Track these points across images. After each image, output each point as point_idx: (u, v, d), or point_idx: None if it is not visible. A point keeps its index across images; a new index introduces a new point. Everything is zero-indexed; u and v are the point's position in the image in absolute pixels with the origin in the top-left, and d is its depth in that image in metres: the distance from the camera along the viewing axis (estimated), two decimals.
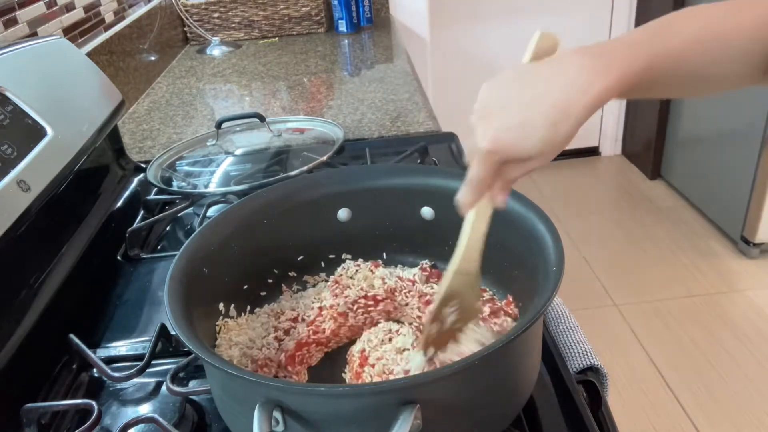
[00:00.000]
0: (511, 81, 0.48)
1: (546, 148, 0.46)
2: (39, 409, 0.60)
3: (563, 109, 0.44)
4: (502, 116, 0.46)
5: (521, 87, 0.47)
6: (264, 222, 0.68)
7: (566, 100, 0.44)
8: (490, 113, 0.47)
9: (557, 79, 0.45)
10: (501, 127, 0.46)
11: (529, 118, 0.45)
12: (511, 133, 0.46)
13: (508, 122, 0.46)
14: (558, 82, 0.45)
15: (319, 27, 2.05)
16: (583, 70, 0.45)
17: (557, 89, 0.45)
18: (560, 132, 0.45)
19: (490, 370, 0.48)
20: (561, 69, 0.46)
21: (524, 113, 0.45)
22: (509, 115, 0.46)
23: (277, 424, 0.44)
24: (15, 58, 0.82)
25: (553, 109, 0.44)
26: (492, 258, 0.68)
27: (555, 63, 0.47)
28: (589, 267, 2.34)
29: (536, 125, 0.45)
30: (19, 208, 0.67)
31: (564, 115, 0.44)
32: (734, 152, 2.27)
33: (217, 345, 0.62)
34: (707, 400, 1.74)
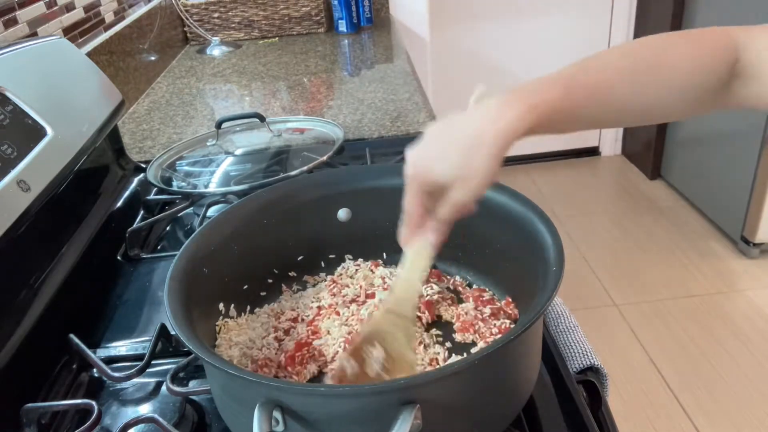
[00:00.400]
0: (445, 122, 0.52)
1: (461, 173, 0.49)
2: (39, 409, 0.60)
3: (475, 137, 0.48)
4: (426, 146, 0.51)
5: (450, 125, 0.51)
6: (264, 222, 0.68)
7: (478, 129, 0.48)
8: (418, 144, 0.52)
9: (474, 115, 0.49)
10: (422, 153, 0.51)
11: (446, 146, 0.50)
12: (429, 157, 0.51)
13: (428, 150, 0.51)
14: (477, 115, 0.49)
15: (319, 27, 2.05)
16: (498, 104, 0.48)
17: (471, 122, 0.49)
18: (473, 159, 0.48)
19: (490, 370, 0.48)
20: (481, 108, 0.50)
21: (443, 143, 0.51)
22: (431, 145, 0.51)
23: (277, 424, 0.44)
24: (15, 58, 0.82)
25: (466, 138, 0.48)
26: (492, 258, 0.68)
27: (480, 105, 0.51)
28: (589, 267, 2.34)
29: (451, 152, 0.49)
30: (19, 208, 0.67)
31: (476, 142, 0.48)
32: (734, 152, 2.27)
33: (217, 345, 0.62)
34: (707, 400, 1.74)
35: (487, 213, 0.64)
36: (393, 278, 0.66)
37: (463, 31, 2.80)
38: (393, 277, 0.70)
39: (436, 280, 0.70)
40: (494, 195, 0.64)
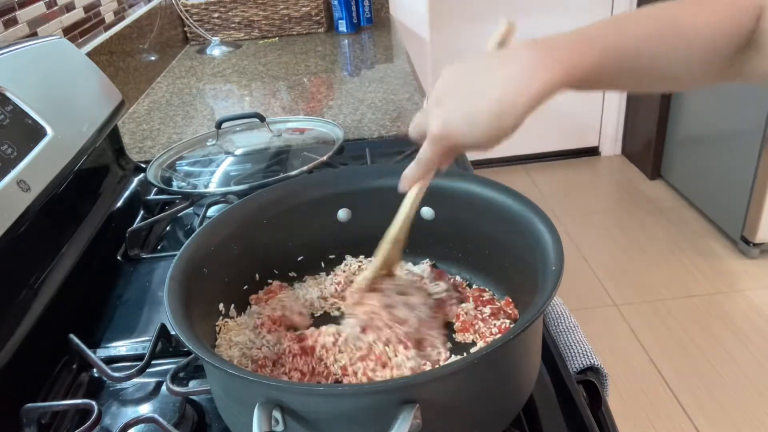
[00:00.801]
0: (466, 70, 0.49)
1: (490, 138, 0.47)
2: (39, 409, 0.60)
3: (508, 102, 0.45)
4: (453, 104, 0.48)
5: (473, 76, 0.48)
6: (264, 222, 0.68)
7: (511, 93, 0.45)
8: (443, 100, 0.49)
9: (505, 72, 0.46)
10: (450, 115, 0.48)
11: (475, 108, 0.47)
12: (458, 122, 0.48)
13: (456, 111, 0.48)
14: (505, 75, 0.46)
15: (319, 27, 2.05)
16: (529, 64, 0.46)
17: (504, 82, 0.46)
18: (504, 124, 0.46)
19: (490, 370, 0.48)
20: (510, 62, 0.47)
21: (472, 104, 0.47)
22: (459, 104, 0.48)
23: (277, 423, 0.44)
24: (15, 58, 0.82)
25: (498, 102, 0.46)
26: (492, 258, 0.68)
27: (506, 55, 0.48)
28: (589, 267, 2.34)
29: (482, 116, 0.46)
30: (19, 208, 0.67)
31: (508, 108, 0.46)
32: (734, 152, 2.27)
33: (217, 345, 0.62)
34: (707, 400, 1.74)
35: (487, 213, 0.65)
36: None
37: (463, 31, 2.80)
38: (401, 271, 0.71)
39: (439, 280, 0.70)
40: (494, 195, 0.64)
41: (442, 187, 0.69)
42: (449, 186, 0.68)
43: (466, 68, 0.50)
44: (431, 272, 0.70)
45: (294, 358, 0.60)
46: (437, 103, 0.49)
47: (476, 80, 0.48)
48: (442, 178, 0.69)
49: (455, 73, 0.50)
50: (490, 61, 0.48)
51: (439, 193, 0.69)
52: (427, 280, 0.69)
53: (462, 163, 1.07)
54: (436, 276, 0.70)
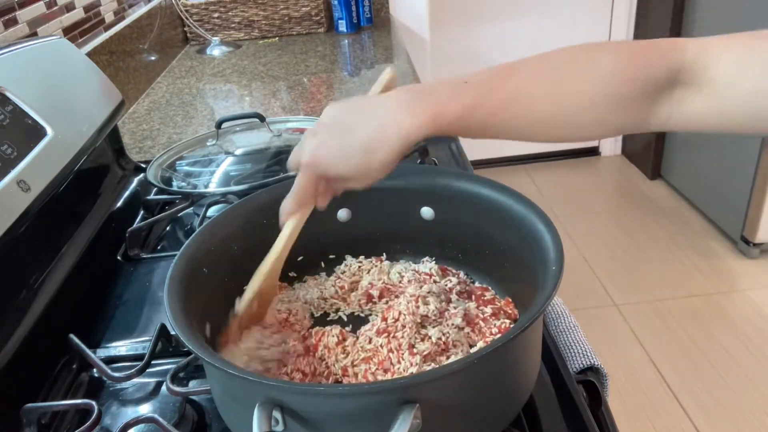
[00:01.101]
0: (345, 109, 0.52)
1: (358, 171, 0.51)
2: (39, 409, 0.60)
3: (378, 140, 0.49)
4: (327, 136, 0.51)
5: (350, 115, 0.51)
6: (264, 222, 0.68)
7: (381, 132, 0.49)
8: (318, 133, 0.52)
9: (379, 113, 0.50)
10: (322, 145, 0.51)
11: (347, 143, 0.50)
12: (329, 152, 0.51)
13: (329, 143, 0.51)
14: (378, 115, 0.50)
15: (319, 27, 2.05)
16: (400, 108, 0.49)
17: (376, 121, 0.49)
18: (373, 160, 0.50)
19: (489, 370, 0.48)
20: (385, 104, 0.50)
21: (344, 138, 0.50)
22: (332, 137, 0.51)
23: (277, 423, 0.44)
24: (15, 58, 0.82)
25: (369, 139, 0.49)
26: (492, 258, 0.68)
27: (382, 99, 0.51)
28: (589, 267, 2.34)
29: (352, 151, 0.50)
30: (19, 208, 0.67)
31: (378, 145, 0.49)
32: (734, 152, 2.27)
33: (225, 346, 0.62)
34: (707, 400, 1.74)
35: (487, 213, 0.65)
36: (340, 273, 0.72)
37: (463, 31, 2.80)
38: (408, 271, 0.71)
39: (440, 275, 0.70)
40: (494, 195, 0.64)
41: (442, 187, 0.69)
42: (449, 186, 0.68)
43: (346, 107, 0.53)
44: (438, 269, 0.71)
45: (297, 358, 0.60)
46: (313, 134, 0.52)
47: (352, 118, 0.51)
48: (442, 178, 0.70)
49: (335, 110, 0.53)
50: (368, 102, 0.52)
51: (439, 193, 0.70)
52: (437, 277, 0.69)
53: (462, 163, 1.07)
54: (442, 273, 0.71)
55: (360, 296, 0.69)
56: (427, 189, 0.70)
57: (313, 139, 0.52)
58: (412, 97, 0.49)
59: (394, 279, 0.70)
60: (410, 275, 0.70)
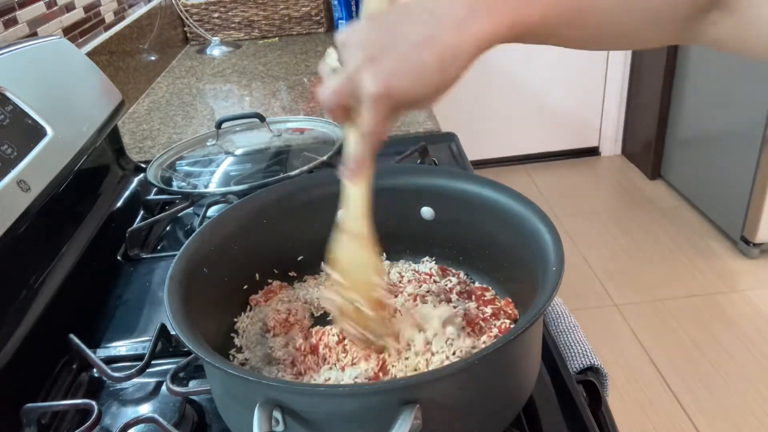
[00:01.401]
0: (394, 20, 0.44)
1: (437, 89, 0.44)
2: (39, 409, 0.60)
3: (456, 47, 0.42)
4: (392, 59, 0.43)
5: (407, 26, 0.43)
6: (264, 222, 0.68)
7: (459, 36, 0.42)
8: (377, 55, 0.43)
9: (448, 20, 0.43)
10: (394, 71, 0.43)
11: (421, 59, 0.42)
12: (405, 77, 0.43)
13: (401, 66, 0.43)
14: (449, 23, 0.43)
15: (319, 27, 2.05)
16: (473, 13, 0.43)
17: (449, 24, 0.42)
18: (450, 75, 0.43)
19: (490, 370, 0.48)
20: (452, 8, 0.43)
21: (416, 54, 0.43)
22: (401, 58, 0.43)
23: (277, 423, 0.44)
24: (15, 58, 0.82)
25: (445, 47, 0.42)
26: (492, 258, 0.68)
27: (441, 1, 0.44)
28: (589, 267, 2.34)
29: (429, 67, 0.42)
30: (19, 208, 0.67)
31: (454, 59, 0.42)
32: (734, 152, 2.27)
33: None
34: (707, 400, 1.74)
35: (487, 213, 0.65)
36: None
37: None
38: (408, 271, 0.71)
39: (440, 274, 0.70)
40: (494, 195, 0.64)
41: (442, 187, 0.69)
42: (449, 186, 0.68)
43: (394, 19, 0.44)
44: (438, 269, 0.71)
45: (306, 357, 0.60)
46: (370, 60, 0.43)
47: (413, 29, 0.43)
48: (442, 178, 0.70)
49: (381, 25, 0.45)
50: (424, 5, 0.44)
51: (439, 193, 0.69)
52: (437, 277, 0.69)
53: (462, 163, 1.07)
54: (442, 273, 0.71)
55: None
56: (427, 189, 0.70)
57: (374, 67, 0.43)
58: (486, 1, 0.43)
59: (394, 279, 0.70)
60: (410, 275, 0.70)
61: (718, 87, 2.35)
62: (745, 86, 2.18)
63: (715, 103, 2.38)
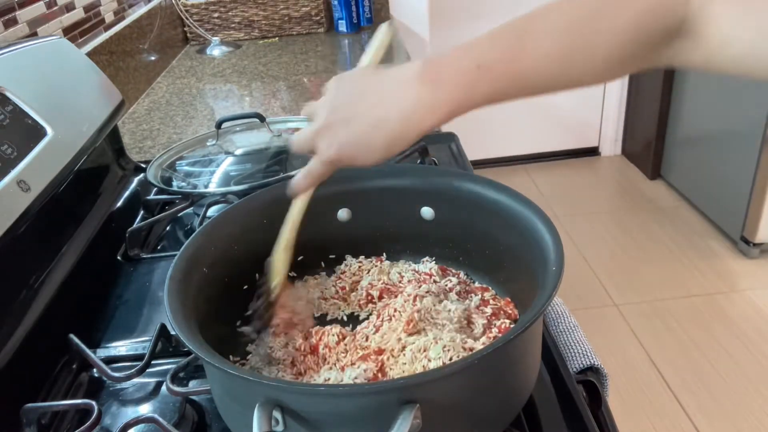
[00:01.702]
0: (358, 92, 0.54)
1: (380, 160, 0.54)
2: (39, 409, 0.60)
3: (400, 135, 0.51)
4: (347, 132, 0.53)
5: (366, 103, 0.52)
6: (264, 222, 0.68)
7: (404, 128, 0.51)
8: (335, 125, 0.53)
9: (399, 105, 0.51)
10: (345, 143, 0.53)
11: (371, 139, 0.52)
12: (353, 149, 0.53)
13: (351, 139, 0.53)
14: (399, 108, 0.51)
15: (319, 27, 2.05)
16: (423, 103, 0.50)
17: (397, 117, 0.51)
18: (394, 150, 0.53)
19: (490, 370, 0.48)
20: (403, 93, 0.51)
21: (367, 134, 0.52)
22: (353, 132, 0.52)
23: (277, 423, 0.44)
24: (15, 58, 0.82)
25: (392, 135, 0.51)
26: (492, 258, 0.68)
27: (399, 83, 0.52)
28: (589, 267, 2.34)
29: (376, 146, 0.52)
30: (19, 208, 0.67)
31: (400, 140, 0.52)
32: (734, 152, 2.27)
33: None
34: (707, 400, 1.74)
35: (487, 213, 0.65)
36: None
37: (463, 31, 2.79)
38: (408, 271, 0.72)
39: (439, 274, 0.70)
40: (494, 195, 0.64)
41: (442, 187, 0.69)
42: (449, 186, 0.68)
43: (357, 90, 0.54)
44: (438, 269, 0.71)
45: (306, 357, 0.60)
46: (328, 127, 0.53)
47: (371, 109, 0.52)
48: (442, 178, 0.70)
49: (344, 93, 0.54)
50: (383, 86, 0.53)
51: (439, 193, 0.69)
52: (437, 276, 0.69)
53: (462, 163, 1.07)
54: (442, 273, 0.71)
55: (360, 296, 0.69)
56: (427, 189, 0.70)
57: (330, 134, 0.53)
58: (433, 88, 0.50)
59: (394, 279, 0.70)
60: (410, 275, 0.70)
61: (718, 87, 2.35)
62: (745, 86, 2.18)
63: (715, 103, 2.38)
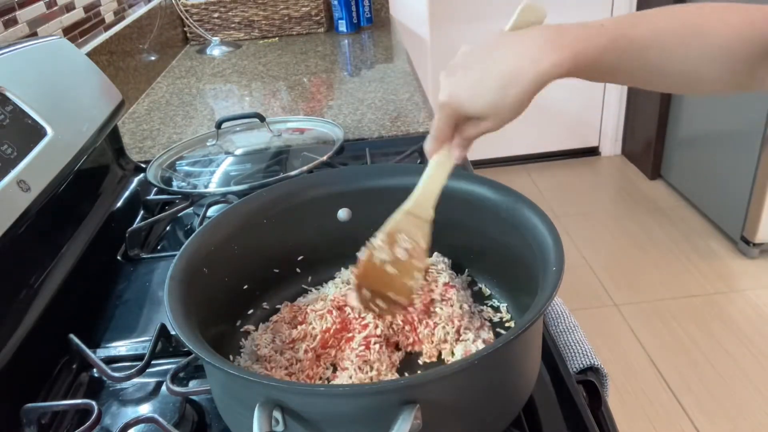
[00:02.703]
0: (480, 47, 0.52)
1: (494, 110, 0.50)
2: (39, 409, 0.60)
3: (513, 76, 0.48)
4: (462, 75, 0.51)
5: (486, 52, 0.51)
6: (264, 222, 0.68)
7: (517, 68, 0.48)
8: (454, 71, 0.52)
9: (515, 48, 0.49)
10: (458, 83, 0.51)
11: (482, 78, 0.50)
12: (464, 90, 0.51)
13: (464, 80, 0.51)
14: (515, 51, 0.49)
15: (319, 27, 2.05)
16: (538, 43, 0.48)
17: (513, 57, 0.49)
18: (508, 96, 0.49)
19: (490, 370, 0.48)
20: (521, 40, 0.49)
21: (479, 74, 0.50)
22: (467, 75, 0.51)
23: (277, 423, 0.44)
24: (15, 58, 0.82)
25: (504, 75, 0.49)
26: (492, 258, 0.68)
27: (520, 35, 0.50)
28: (589, 267, 2.34)
29: (487, 86, 0.49)
30: (19, 208, 0.67)
31: (513, 82, 0.48)
32: (734, 152, 2.27)
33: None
34: (707, 400, 1.74)
35: (487, 213, 0.65)
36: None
37: (463, 31, 2.79)
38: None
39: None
40: (494, 195, 0.64)
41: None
42: (449, 186, 0.68)
43: (480, 45, 0.52)
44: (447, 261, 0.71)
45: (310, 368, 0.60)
46: (448, 74, 0.52)
47: (487, 55, 0.50)
48: None
49: (470, 49, 0.52)
50: (504, 39, 0.51)
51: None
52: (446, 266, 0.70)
53: (462, 163, 1.07)
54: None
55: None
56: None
57: (448, 79, 0.52)
58: (549, 36, 0.49)
59: None
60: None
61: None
62: None
63: (715, 103, 2.38)
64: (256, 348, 0.62)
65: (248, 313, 0.68)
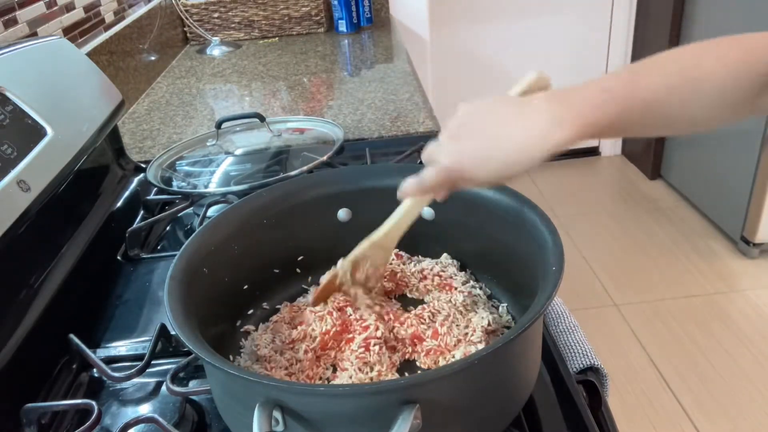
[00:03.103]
0: (485, 111, 0.52)
1: (497, 180, 0.52)
2: (39, 409, 0.60)
3: (522, 152, 0.49)
4: (470, 143, 0.51)
5: (493, 121, 0.51)
6: (264, 222, 0.68)
7: (525, 146, 0.48)
8: (460, 136, 0.52)
9: (526, 123, 0.49)
10: (465, 152, 0.51)
11: (489, 153, 0.50)
12: (472, 160, 0.51)
13: (472, 150, 0.51)
14: (526, 126, 0.49)
15: (319, 27, 2.05)
16: (549, 120, 0.48)
17: (524, 133, 0.49)
18: (512, 171, 0.50)
19: (490, 370, 0.48)
20: (531, 113, 0.49)
21: (489, 148, 0.50)
22: (475, 145, 0.51)
23: (277, 423, 0.44)
24: (15, 58, 0.82)
25: (511, 153, 0.49)
26: (492, 258, 0.68)
27: (527, 105, 0.50)
28: (589, 267, 2.34)
29: (494, 160, 0.50)
30: (19, 208, 0.67)
31: (520, 158, 0.49)
32: (734, 152, 2.27)
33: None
34: (707, 400, 1.74)
35: (487, 213, 0.65)
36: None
37: (463, 31, 2.79)
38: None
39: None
40: (494, 195, 0.64)
41: None
42: None
43: (486, 110, 0.52)
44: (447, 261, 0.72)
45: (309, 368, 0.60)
46: (453, 138, 0.52)
47: (496, 126, 0.50)
48: None
49: (474, 112, 0.52)
50: (511, 108, 0.51)
51: None
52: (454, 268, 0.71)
53: None
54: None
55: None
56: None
57: (453, 145, 0.52)
58: (561, 107, 0.49)
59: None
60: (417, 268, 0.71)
61: None
62: None
63: None
64: (256, 348, 0.62)
65: (248, 314, 0.68)
